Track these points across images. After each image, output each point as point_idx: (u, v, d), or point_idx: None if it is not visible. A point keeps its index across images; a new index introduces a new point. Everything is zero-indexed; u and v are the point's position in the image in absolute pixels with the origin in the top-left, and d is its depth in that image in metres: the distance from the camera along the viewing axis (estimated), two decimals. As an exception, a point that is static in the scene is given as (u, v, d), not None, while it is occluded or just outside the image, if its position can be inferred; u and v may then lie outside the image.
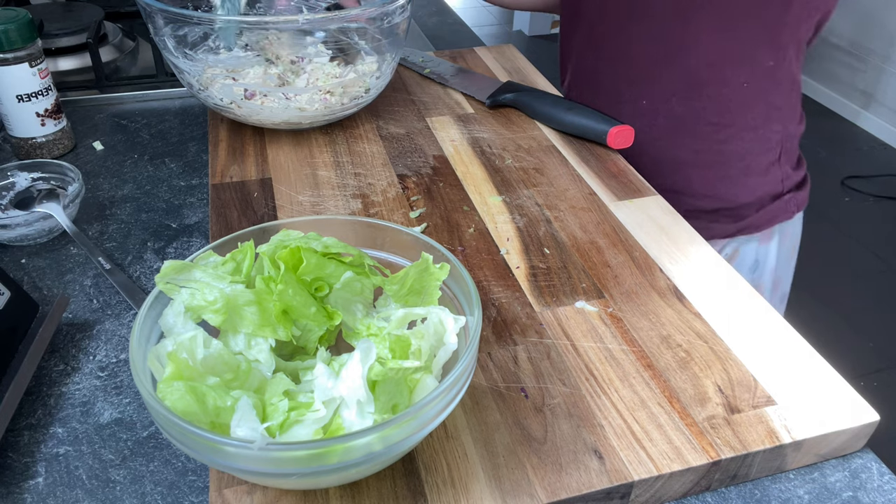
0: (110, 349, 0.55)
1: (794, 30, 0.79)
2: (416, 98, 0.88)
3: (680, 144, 0.85)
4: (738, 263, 0.90)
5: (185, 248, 0.66)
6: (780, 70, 0.81)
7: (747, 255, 0.89)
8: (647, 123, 0.84)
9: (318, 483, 0.40)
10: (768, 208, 0.87)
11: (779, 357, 0.50)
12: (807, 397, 0.47)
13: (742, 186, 0.86)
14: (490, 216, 0.66)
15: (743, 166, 0.85)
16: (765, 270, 0.91)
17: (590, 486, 0.42)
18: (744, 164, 0.85)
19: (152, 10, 0.72)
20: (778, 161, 0.86)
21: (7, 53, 0.73)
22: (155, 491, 0.44)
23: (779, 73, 0.81)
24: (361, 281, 0.47)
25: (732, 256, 0.90)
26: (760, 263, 0.90)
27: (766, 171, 0.86)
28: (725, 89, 0.81)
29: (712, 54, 0.79)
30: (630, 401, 0.47)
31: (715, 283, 0.58)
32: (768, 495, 0.44)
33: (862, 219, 2.52)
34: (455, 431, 0.45)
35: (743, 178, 0.86)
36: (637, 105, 0.85)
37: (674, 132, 0.84)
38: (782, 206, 0.88)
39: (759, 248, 0.89)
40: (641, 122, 0.82)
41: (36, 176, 0.71)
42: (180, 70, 0.76)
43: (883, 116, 3.04)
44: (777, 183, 0.87)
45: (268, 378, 0.42)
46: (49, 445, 0.47)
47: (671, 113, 0.83)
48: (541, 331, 0.53)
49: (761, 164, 0.85)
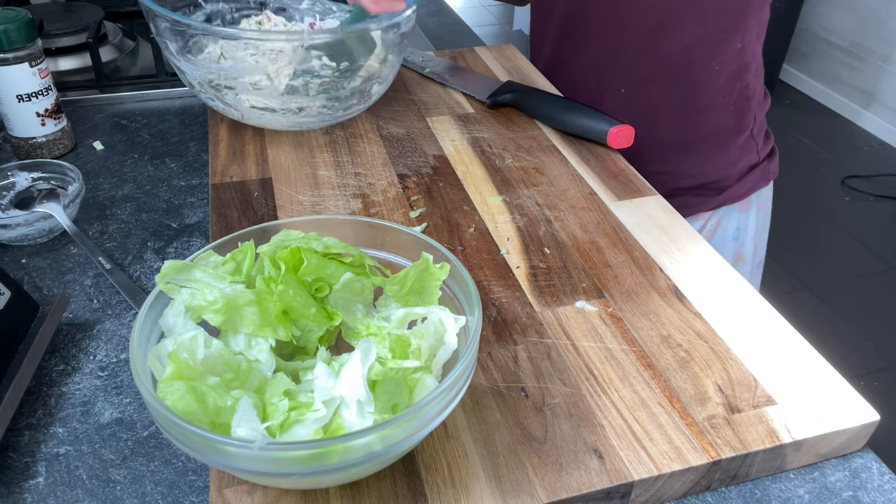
0: (111, 349, 0.55)
1: (757, 12, 0.85)
2: (417, 98, 0.88)
3: (660, 129, 0.88)
4: (722, 232, 0.95)
5: (185, 248, 0.66)
6: (747, 51, 0.86)
7: (729, 224, 0.95)
8: (628, 111, 0.86)
9: (318, 483, 0.40)
10: (747, 178, 0.92)
11: (779, 357, 0.50)
12: (807, 397, 0.47)
13: (722, 161, 0.91)
14: (490, 216, 0.66)
15: (720, 142, 0.90)
16: (746, 238, 0.97)
17: (590, 486, 0.42)
18: (721, 140, 0.90)
19: (152, 13, 0.72)
20: (751, 135, 0.92)
21: (7, 53, 0.73)
22: (155, 491, 0.44)
23: (746, 55, 0.86)
24: (361, 281, 0.47)
25: (716, 227, 0.95)
26: (741, 231, 0.96)
27: (743, 145, 0.91)
28: (699, 73, 0.85)
29: (685, 40, 0.83)
30: (630, 400, 0.47)
31: (715, 282, 0.58)
32: (768, 495, 0.44)
33: (862, 219, 2.52)
34: (455, 431, 0.45)
35: (722, 153, 0.91)
36: (616, 93, 0.88)
37: (653, 117, 0.88)
38: (759, 174, 0.94)
39: (740, 217, 0.95)
40: (622, 111, 0.84)
41: (36, 176, 0.71)
42: (182, 71, 0.76)
43: (883, 116, 3.04)
44: (753, 154, 0.93)
45: (268, 378, 0.42)
46: (49, 445, 0.47)
47: (649, 99, 0.87)
48: (541, 330, 0.53)
49: (737, 139, 0.90)
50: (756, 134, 0.92)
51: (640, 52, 0.85)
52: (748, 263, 0.98)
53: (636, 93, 0.87)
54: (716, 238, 0.95)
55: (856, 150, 2.97)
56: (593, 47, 0.88)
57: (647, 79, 0.86)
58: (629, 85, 0.88)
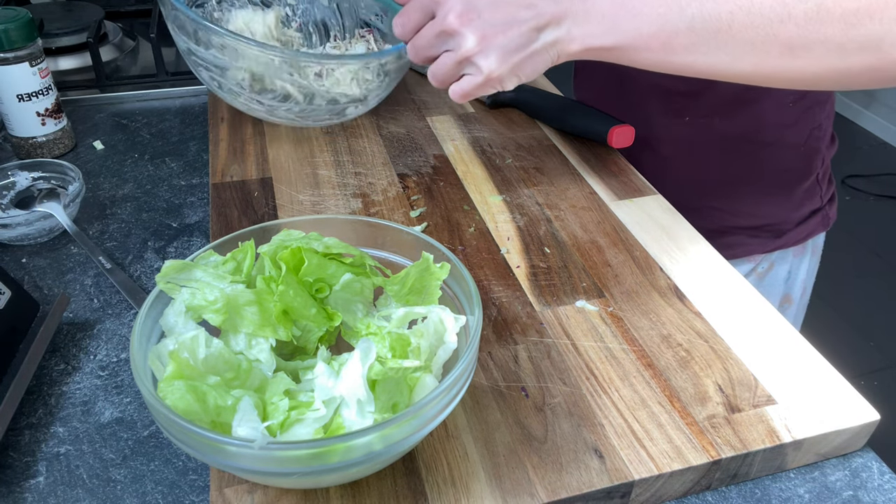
0: (111, 348, 0.55)
1: None
2: (417, 97, 0.88)
3: (722, 162, 0.82)
4: (773, 276, 0.89)
5: (185, 248, 0.66)
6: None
7: (782, 268, 0.88)
8: (688, 142, 0.81)
9: (318, 482, 0.41)
10: (807, 223, 0.86)
11: (779, 356, 0.50)
12: (807, 396, 0.47)
13: (785, 202, 0.84)
14: (490, 215, 0.66)
15: (785, 183, 0.83)
16: (796, 281, 0.91)
17: (590, 486, 0.42)
18: (786, 181, 0.83)
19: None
20: (817, 179, 0.85)
21: (7, 53, 0.73)
22: (156, 490, 0.44)
23: (821, 92, 0.79)
24: (361, 281, 0.47)
25: (768, 270, 0.88)
26: (792, 275, 0.90)
27: (808, 189, 0.85)
28: (772, 108, 0.78)
29: None
30: (630, 400, 0.47)
31: (715, 282, 0.58)
32: (769, 494, 0.44)
33: (862, 218, 2.52)
34: (455, 431, 0.45)
35: (786, 194, 0.84)
36: (677, 124, 0.81)
37: (716, 151, 0.81)
38: (820, 220, 0.87)
39: (793, 261, 0.89)
40: (681, 142, 0.80)
41: (36, 175, 0.71)
42: (198, 59, 0.74)
43: (883, 115, 3.04)
44: (817, 199, 0.86)
45: (268, 377, 0.42)
46: (50, 445, 0.47)
47: (713, 132, 0.80)
48: (541, 330, 0.53)
49: (804, 182, 0.84)
50: (821, 178, 0.86)
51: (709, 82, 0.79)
52: (794, 305, 0.92)
53: (700, 121, 0.80)
54: (765, 281, 0.89)
55: (856, 150, 2.97)
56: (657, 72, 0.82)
57: (714, 109, 0.79)
58: (694, 113, 0.80)
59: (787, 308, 0.91)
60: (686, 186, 0.75)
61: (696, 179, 0.77)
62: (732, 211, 0.84)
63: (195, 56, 0.73)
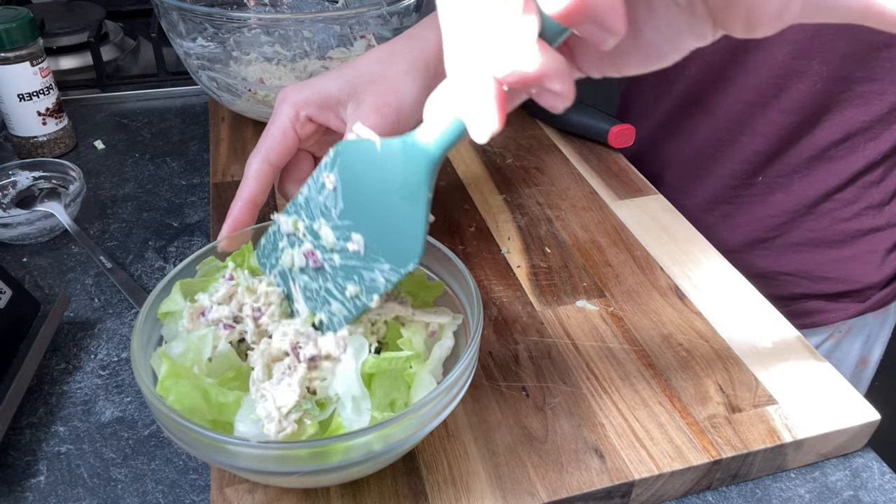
0: (111, 348, 0.55)
1: None
2: (417, 97, 0.88)
3: (800, 224, 0.74)
4: (851, 339, 0.81)
5: (186, 248, 0.66)
6: None
7: (860, 332, 0.81)
8: (760, 202, 0.74)
9: (319, 482, 0.41)
10: (893, 284, 0.78)
11: (780, 356, 0.50)
12: (808, 396, 0.47)
13: (868, 266, 0.75)
14: (491, 215, 0.66)
15: (869, 244, 0.75)
16: (875, 343, 0.84)
17: (590, 485, 0.42)
18: (871, 242, 0.75)
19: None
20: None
21: (8, 52, 0.73)
22: (156, 489, 0.44)
23: None
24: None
25: (845, 334, 0.81)
26: (872, 337, 0.83)
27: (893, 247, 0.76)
28: (857, 163, 0.70)
29: (848, 125, 0.68)
30: (631, 400, 0.47)
31: (716, 282, 0.58)
32: (769, 494, 0.44)
33: None
34: (456, 430, 0.45)
35: (869, 256, 0.75)
36: (748, 183, 0.74)
37: (792, 211, 0.74)
38: None
39: (873, 323, 0.81)
40: (752, 203, 0.74)
41: (37, 175, 0.71)
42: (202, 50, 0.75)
43: (884, 115, 3.03)
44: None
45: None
46: (51, 444, 0.47)
47: (790, 190, 0.73)
48: (542, 330, 0.53)
49: (888, 241, 0.75)
50: None
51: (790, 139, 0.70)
52: (869, 367, 0.84)
53: (776, 180, 0.73)
54: (841, 346, 0.80)
55: (857, 150, 2.96)
56: (724, 123, 0.73)
57: (794, 168, 0.71)
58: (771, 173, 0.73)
59: (861, 370, 0.84)
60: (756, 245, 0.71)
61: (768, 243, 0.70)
62: (811, 276, 0.76)
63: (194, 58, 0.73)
